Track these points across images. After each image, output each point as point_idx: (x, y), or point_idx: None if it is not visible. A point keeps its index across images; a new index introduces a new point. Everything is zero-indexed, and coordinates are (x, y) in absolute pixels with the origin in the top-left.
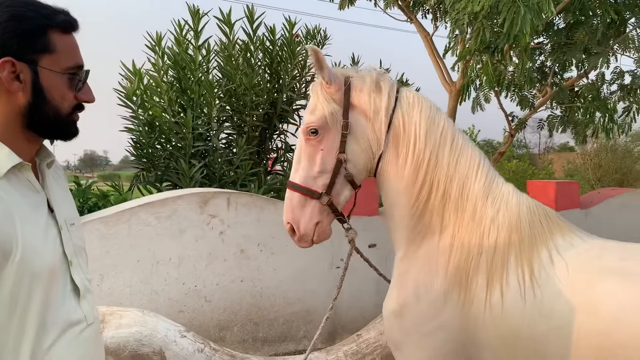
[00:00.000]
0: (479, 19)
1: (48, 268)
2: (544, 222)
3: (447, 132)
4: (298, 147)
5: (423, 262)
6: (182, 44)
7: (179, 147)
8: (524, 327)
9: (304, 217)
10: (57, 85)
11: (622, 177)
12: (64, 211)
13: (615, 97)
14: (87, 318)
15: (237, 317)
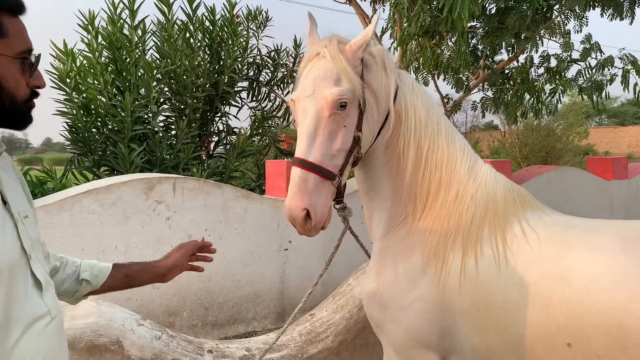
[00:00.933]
0: (419, 4)
1: (8, 263)
2: (517, 198)
3: (440, 120)
4: (311, 120)
5: (403, 239)
6: (117, 23)
7: (116, 131)
8: (497, 295)
9: (320, 202)
10: (11, 71)
11: (546, 155)
12: (18, 203)
13: (543, 80)
14: (51, 311)
15: (186, 302)
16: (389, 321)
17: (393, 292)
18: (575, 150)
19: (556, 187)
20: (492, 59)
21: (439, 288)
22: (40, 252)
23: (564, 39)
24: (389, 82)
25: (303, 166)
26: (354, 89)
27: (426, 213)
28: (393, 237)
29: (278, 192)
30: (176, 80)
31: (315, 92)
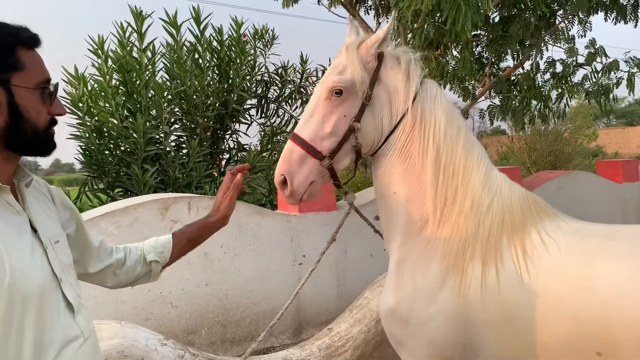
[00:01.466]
0: (422, 17)
1: (38, 289)
2: (533, 207)
3: (461, 128)
4: (313, 101)
5: (421, 250)
6: (126, 46)
7: (129, 152)
8: (521, 306)
9: (300, 174)
10: (32, 101)
11: (555, 160)
12: (48, 229)
13: (549, 85)
14: (84, 333)
15: (204, 320)
16: (410, 336)
17: (413, 307)
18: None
19: (567, 192)
20: (498, 66)
21: (460, 300)
22: (72, 275)
23: (569, 44)
24: (409, 85)
25: (294, 140)
26: (354, 80)
27: (443, 222)
28: (410, 246)
29: (290, 207)
30: (187, 101)
31: (323, 80)
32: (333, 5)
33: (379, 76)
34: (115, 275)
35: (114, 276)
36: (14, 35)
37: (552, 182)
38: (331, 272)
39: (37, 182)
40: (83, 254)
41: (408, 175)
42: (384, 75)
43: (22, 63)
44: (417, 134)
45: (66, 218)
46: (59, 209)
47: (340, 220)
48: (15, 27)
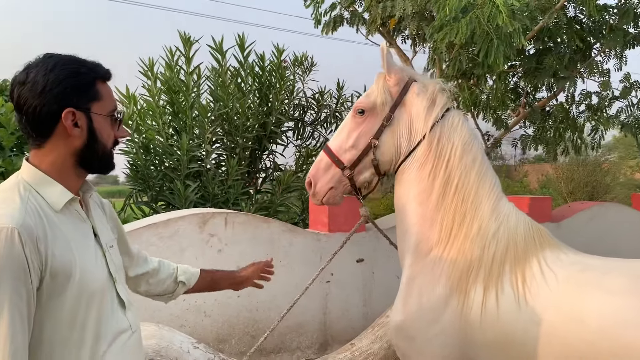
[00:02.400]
0: (456, 49)
1: (100, 286)
2: (536, 237)
3: (477, 158)
4: (345, 119)
5: (428, 270)
6: (174, 69)
7: (173, 169)
8: (517, 332)
9: (323, 179)
10: (105, 126)
11: (592, 190)
12: (105, 235)
13: (584, 117)
14: (132, 326)
15: (234, 330)
16: (414, 352)
17: (419, 324)
18: (629, 185)
19: (599, 223)
20: (534, 96)
21: (461, 322)
22: (122, 275)
23: (604, 77)
24: (430, 113)
25: (325, 150)
26: (375, 102)
27: (450, 244)
28: (420, 266)
29: (320, 227)
30: (228, 122)
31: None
32: (370, 34)
33: (403, 101)
34: (148, 284)
35: (146, 284)
36: (94, 71)
37: (584, 213)
38: (358, 292)
39: (94, 195)
40: (123, 260)
41: (421, 197)
42: (409, 101)
43: (100, 94)
44: (432, 158)
45: (112, 226)
46: (108, 219)
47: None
48: (94, 64)
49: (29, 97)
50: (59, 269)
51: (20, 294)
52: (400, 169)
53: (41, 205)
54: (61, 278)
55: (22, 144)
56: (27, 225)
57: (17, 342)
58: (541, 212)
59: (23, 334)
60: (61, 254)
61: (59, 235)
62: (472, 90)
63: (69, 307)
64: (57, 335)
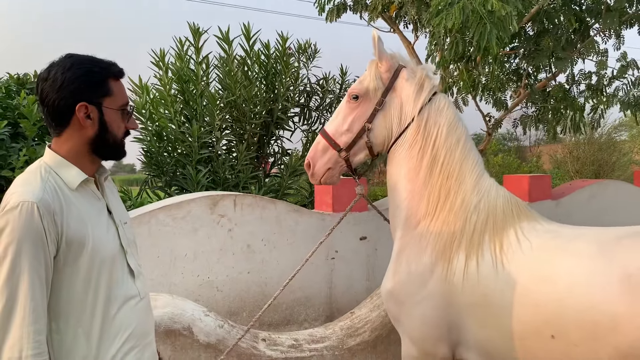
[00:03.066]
0: (453, 33)
1: (111, 255)
2: (514, 210)
3: (460, 137)
4: (340, 104)
5: (416, 241)
6: (184, 59)
7: (185, 155)
8: (495, 294)
9: (321, 161)
10: (115, 119)
11: (598, 169)
12: (118, 213)
13: (584, 97)
14: (140, 293)
15: (245, 304)
16: (404, 315)
17: (408, 290)
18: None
19: (599, 200)
20: (535, 77)
21: (445, 286)
22: (134, 249)
23: (601, 57)
24: (419, 97)
25: (322, 133)
26: (368, 88)
27: (436, 217)
28: (408, 238)
29: (325, 207)
30: (236, 109)
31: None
32: (373, 20)
33: (394, 86)
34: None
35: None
36: (107, 69)
37: (584, 190)
38: (362, 268)
39: (109, 178)
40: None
41: (410, 175)
42: (399, 86)
43: (111, 90)
44: (420, 139)
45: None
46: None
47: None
48: (108, 63)
49: (49, 92)
50: (73, 238)
51: (39, 260)
52: (392, 150)
53: (59, 184)
54: (75, 246)
55: (43, 134)
56: (45, 201)
57: (37, 300)
58: (541, 190)
59: (42, 294)
60: (75, 225)
61: (73, 210)
62: (471, 73)
63: (83, 272)
64: (73, 297)
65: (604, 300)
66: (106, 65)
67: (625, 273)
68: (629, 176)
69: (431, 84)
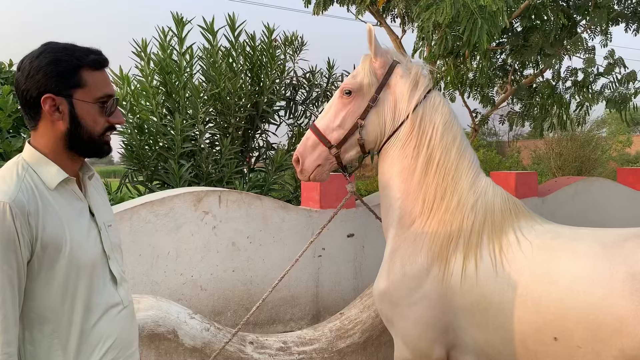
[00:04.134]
0: (442, 28)
1: (90, 261)
2: (512, 209)
3: (456, 136)
4: (331, 99)
5: (410, 241)
6: (167, 49)
7: (167, 148)
8: (495, 295)
9: (310, 157)
10: (89, 112)
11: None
12: (103, 215)
13: (570, 93)
14: (124, 301)
15: (230, 303)
16: (398, 317)
17: (402, 291)
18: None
19: (583, 198)
20: (522, 73)
21: (442, 287)
22: (119, 254)
23: (588, 54)
24: (414, 94)
25: (311, 129)
26: (362, 83)
27: (432, 217)
28: (402, 238)
29: (312, 204)
30: (220, 102)
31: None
32: (360, 13)
33: (388, 83)
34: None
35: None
36: (79, 59)
37: (570, 188)
38: (349, 265)
39: (96, 178)
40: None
41: (404, 174)
42: (393, 83)
43: (84, 81)
44: (415, 137)
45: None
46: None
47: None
48: (85, 51)
49: (19, 82)
50: (49, 242)
51: (10, 264)
52: (384, 148)
53: (36, 183)
54: (51, 250)
55: (18, 126)
56: (19, 201)
57: (7, 307)
58: (527, 187)
59: (13, 301)
60: (52, 228)
61: (50, 211)
62: (459, 68)
63: (60, 278)
64: (49, 305)
65: (608, 300)
66: (80, 53)
67: (630, 272)
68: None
69: (426, 81)
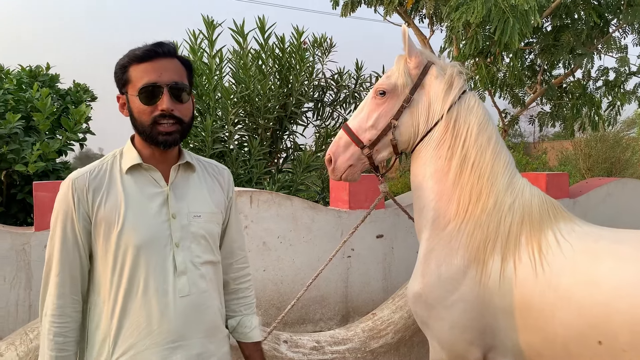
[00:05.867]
0: (473, 27)
1: (144, 243)
2: (550, 210)
3: (491, 136)
4: (365, 100)
5: (446, 243)
6: (197, 52)
7: (198, 149)
8: (535, 297)
9: (342, 157)
10: (135, 104)
11: (610, 166)
12: (190, 205)
13: (601, 93)
14: (181, 291)
15: (261, 302)
16: (434, 319)
17: (438, 293)
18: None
19: (616, 199)
20: (550, 73)
21: (480, 289)
22: (198, 244)
23: (621, 53)
24: (448, 95)
25: (344, 128)
26: (396, 84)
27: (468, 218)
28: (437, 239)
29: (341, 204)
30: (250, 103)
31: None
32: (389, 14)
33: (422, 83)
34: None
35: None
36: (129, 56)
37: (601, 189)
38: (378, 266)
39: (214, 168)
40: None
41: (438, 175)
42: (427, 83)
43: (130, 76)
44: (449, 138)
45: (219, 201)
46: (224, 192)
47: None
48: (136, 48)
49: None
50: (103, 218)
51: (66, 230)
52: (417, 149)
53: (113, 167)
54: (104, 226)
55: (54, 128)
56: (82, 178)
57: (64, 265)
58: (559, 188)
59: (70, 260)
60: (109, 206)
61: (114, 191)
62: (489, 68)
63: (111, 253)
64: (102, 274)
65: None
66: (134, 50)
67: None
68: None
69: (461, 82)
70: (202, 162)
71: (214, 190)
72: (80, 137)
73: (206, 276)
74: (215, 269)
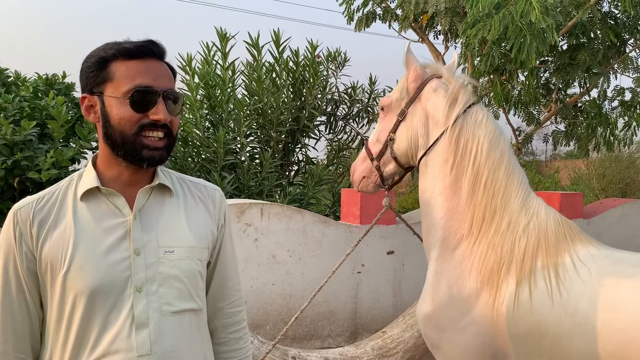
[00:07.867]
0: (489, 45)
1: (92, 288)
2: (567, 232)
3: (504, 153)
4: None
5: (457, 264)
6: (211, 64)
7: (210, 160)
8: (551, 324)
9: (359, 169)
10: (119, 109)
11: (625, 187)
12: (160, 238)
13: (617, 113)
14: (139, 349)
15: (269, 316)
16: (445, 342)
17: (449, 315)
18: None
19: (631, 220)
20: (565, 92)
21: (493, 314)
22: (170, 287)
23: (638, 74)
24: (453, 107)
25: (365, 143)
26: (391, 99)
27: (480, 238)
28: (447, 260)
29: (352, 219)
30: (262, 116)
31: None
32: (403, 30)
33: (419, 96)
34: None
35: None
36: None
37: (616, 210)
38: (388, 283)
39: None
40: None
41: (447, 192)
42: (424, 96)
43: (112, 74)
44: (457, 154)
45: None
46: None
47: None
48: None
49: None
50: (46, 257)
51: (7, 269)
52: (423, 163)
53: (68, 193)
54: (49, 267)
55: (69, 136)
56: (26, 209)
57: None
58: (573, 209)
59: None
60: (54, 243)
61: (61, 224)
62: (504, 85)
63: (56, 301)
64: (50, 328)
65: None
66: (116, 44)
67: None
68: None
69: (466, 95)
70: (186, 182)
71: (197, 218)
72: (93, 145)
73: (181, 329)
74: (198, 318)
